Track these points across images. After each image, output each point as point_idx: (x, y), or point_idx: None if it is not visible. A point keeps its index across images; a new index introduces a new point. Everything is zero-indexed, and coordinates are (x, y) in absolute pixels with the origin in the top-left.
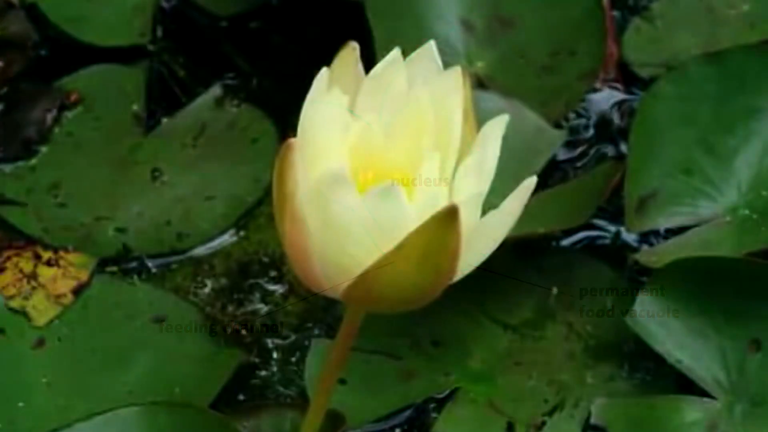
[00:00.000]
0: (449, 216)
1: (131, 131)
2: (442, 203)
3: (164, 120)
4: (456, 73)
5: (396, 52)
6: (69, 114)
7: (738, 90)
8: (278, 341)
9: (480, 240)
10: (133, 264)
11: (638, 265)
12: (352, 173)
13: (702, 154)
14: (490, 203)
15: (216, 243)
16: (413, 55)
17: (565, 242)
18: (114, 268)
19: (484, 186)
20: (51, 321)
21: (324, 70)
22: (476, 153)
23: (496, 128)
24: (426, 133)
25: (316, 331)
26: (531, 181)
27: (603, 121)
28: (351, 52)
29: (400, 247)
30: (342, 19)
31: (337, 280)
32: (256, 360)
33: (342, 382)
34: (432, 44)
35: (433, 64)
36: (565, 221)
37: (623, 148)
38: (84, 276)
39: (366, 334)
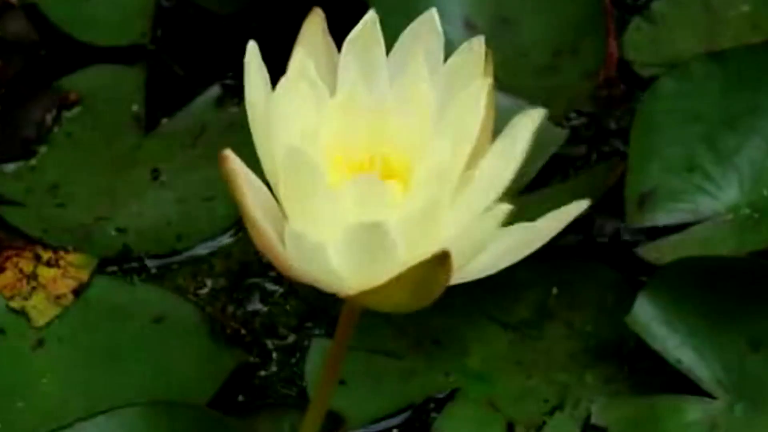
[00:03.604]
0: (439, 260)
1: (131, 131)
2: (445, 202)
3: (164, 120)
4: (479, 44)
5: (372, 14)
6: (69, 114)
7: (740, 87)
8: (278, 341)
9: (497, 249)
10: (133, 264)
11: (638, 265)
12: (340, 155)
13: (703, 151)
14: None
15: (216, 243)
16: (413, 24)
17: (565, 242)
18: (114, 268)
19: (506, 180)
20: (51, 321)
21: (251, 43)
22: (506, 138)
23: (529, 120)
24: (429, 110)
25: (316, 331)
26: (579, 206)
27: (604, 120)
28: (317, 19)
29: (390, 281)
30: (343, 19)
31: (321, 289)
32: (256, 360)
33: (342, 382)
34: (433, 12)
35: (435, 34)
36: None
37: (624, 146)
38: (84, 276)
39: (366, 334)
